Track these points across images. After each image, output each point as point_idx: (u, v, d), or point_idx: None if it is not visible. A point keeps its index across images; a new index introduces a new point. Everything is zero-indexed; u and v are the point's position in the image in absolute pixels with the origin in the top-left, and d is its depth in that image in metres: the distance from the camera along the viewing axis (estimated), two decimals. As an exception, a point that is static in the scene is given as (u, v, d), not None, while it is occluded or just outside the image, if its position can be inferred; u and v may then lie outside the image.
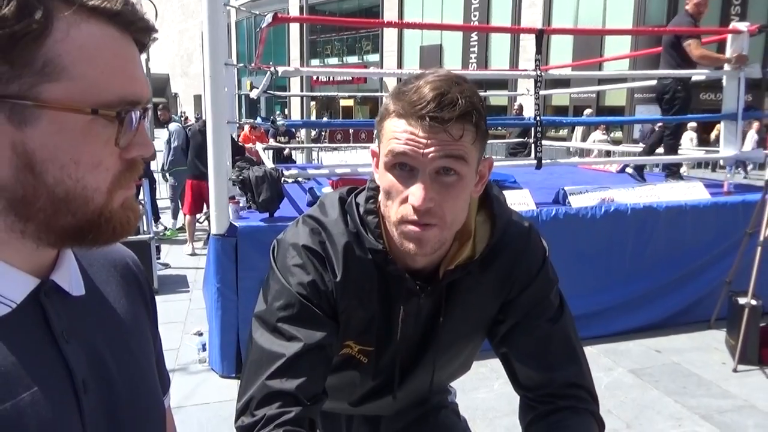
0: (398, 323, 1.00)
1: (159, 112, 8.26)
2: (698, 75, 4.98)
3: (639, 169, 5.10)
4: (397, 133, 0.83)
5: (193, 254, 6.48)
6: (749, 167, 11.57)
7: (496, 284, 0.99)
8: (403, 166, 0.84)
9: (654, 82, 5.24)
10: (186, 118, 17.60)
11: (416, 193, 0.82)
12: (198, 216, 7.95)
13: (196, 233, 7.29)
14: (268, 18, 4.00)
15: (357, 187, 1.02)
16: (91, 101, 0.51)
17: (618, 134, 15.64)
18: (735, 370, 3.55)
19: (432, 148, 0.81)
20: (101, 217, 0.55)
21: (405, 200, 0.84)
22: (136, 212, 0.60)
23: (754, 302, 3.55)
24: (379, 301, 0.98)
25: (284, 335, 0.91)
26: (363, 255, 0.94)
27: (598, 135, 12.03)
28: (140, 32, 0.56)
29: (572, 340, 1.02)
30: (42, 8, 0.48)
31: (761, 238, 3.65)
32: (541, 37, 4.40)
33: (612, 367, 3.61)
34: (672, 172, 5.09)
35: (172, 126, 7.53)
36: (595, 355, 3.76)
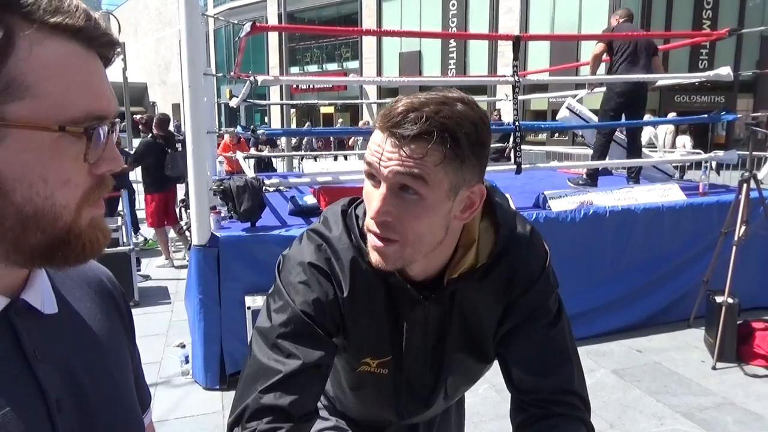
0: (403, 333, 1.01)
1: (141, 124, 8.14)
2: (691, 79, 5.12)
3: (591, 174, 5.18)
4: (371, 143, 0.84)
5: (163, 266, 6.40)
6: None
7: (498, 288, 0.99)
8: (372, 177, 0.85)
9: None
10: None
11: (373, 203, 0.84)
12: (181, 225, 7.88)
13: (177, 243, 7.22)
14: (247, 27, 3.98)
15: (357, 198, 1.01)
16: (57, 118, 0.51)
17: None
18: (714, 368, 3.61)
19: (389, 162, 0.81)
20: (70, 234, 0.55)
21: None
22: (106, 232, 0.59)
23: (730, 300, 3.62)
24: (387, 311, 0.99)
25: (283, 352, 0.91)
26: (368, 268, 0.94)
27: (687, 140, 11.31)
28: (104, 47, 0.56)
29: (568, 346, 1.02)
30: (3, 28, 0.48)
31: (736, 237, 3.72)
32: (518, 44, 4.45)
33: (594, 368, 3.65)
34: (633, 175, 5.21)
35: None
36: (578, 356, 3.80)
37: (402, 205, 0.83)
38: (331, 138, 16.25)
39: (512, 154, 4.55)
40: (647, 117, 14.84)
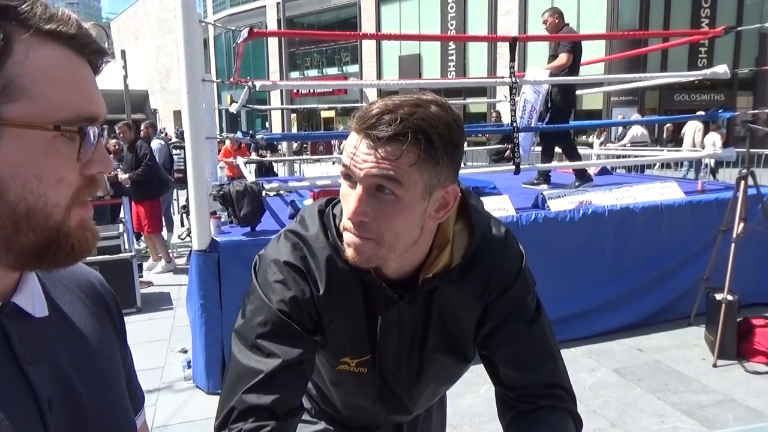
0: (377, 331, 1.02)
1: (142, 129, 8.14)
2: (689, 77, 5.09)
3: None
4: (347, 145, 0.85)
5: (163, 271, 6.43)
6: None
7: (476, 290, 1.01)
8: (349, 178, 0.86)
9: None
10: (166, 134, 17.49)
11: (350, 204, 0.85)
12: (180, 232, 7.93)
13: (178, 249, 7.26)
14: (244, 33, 4.02)
15: (335, 198, 1.02)
16: (51, 119, 0.53)
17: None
18: (715, 365, 3.61)
19: (365, 164, 0.82)
20: (60, 233, 0.56)
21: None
22: (95, 233, 0.61)
23: (730, 298, 3.62)
24: (363, 310, 1.00)
25: (263, 351, 0.92)
26: (344, 266, 0.95)
27: (717, 138, 10.72)
28: (94, 54, 0.59)
29: (549, 341, 1.04)
30: (1, 32, 0.51)
31: (734, 234, 3.73)
32: (515, 45, 4.47)
33: (595, 367, 3.66)
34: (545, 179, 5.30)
35: (155, 143, 7.48)
36: (579, 356, 3.81)
37: (378, 205, 0.84)
38: (333, 142, 16.28)
39: (512, 155, 4.57)
40: (636, 116, 14.80)
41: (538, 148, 5.84)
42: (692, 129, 11.92)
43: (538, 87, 4.91)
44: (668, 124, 13.35)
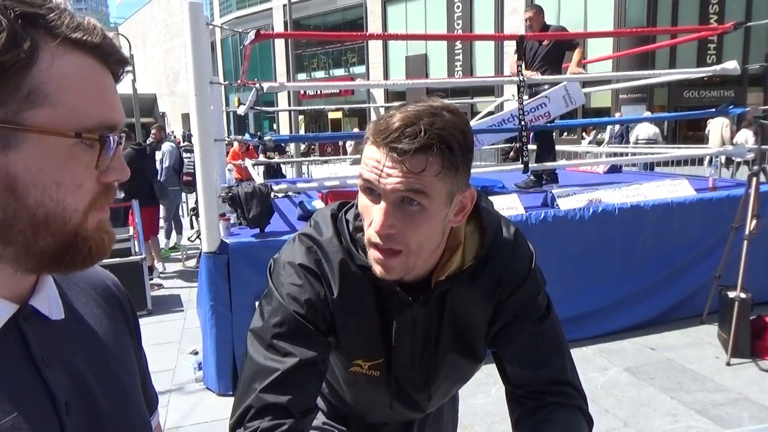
0: (392, 334, 1.03)
1: (152, 132, 8.17)
2: (699, 74, 5.06)
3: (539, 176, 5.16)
4: (367, 159, 0.86)
5: (154, 276, 6.46)
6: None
7: (487, 290, 1.02)
8: (371, 191, 0.87)
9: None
10: (175, 137, 17.59)
11: (377, 218, 0.85)
12: (190, 235, 7.97)
13: (188, 251, 7.30)
14: (251, 35, 4.04)
15: (348, 202, 1.04)
16: (72, 126, 0.54)
17: (603, 135, 15.79)
18: (728, 364, 3.58)
19: (390, 179, 0.82)
20: (77, 237, 0.57)
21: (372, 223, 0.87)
22: (111, 235, 0.61)
23: (743, 295, 3.59)
24: (377, 313, 1.01)
25: (279, 351, 0.93)
26: (357, 270, 0.97)
27: (749, 135, 10.02)
28: (116, 64, 0.60)
29: (558, 339, 1.05)
30: (29, 40, 0.52)
31: (747, 231, 3.69)
32: (522, 43, 4.46)
33: (607, 366, 3.63)
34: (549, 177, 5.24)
35: (165, 146, 7.53)
36: (590, 355, 3.79)
37: (404, 217, 0.85)
38: (340, 143, 16.31)
39: (520, 154, 4.56)
40: (647, 113, 14.62)
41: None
42: (719, 126, 11.61)
43: (580, 97, 4.89)
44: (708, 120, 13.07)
